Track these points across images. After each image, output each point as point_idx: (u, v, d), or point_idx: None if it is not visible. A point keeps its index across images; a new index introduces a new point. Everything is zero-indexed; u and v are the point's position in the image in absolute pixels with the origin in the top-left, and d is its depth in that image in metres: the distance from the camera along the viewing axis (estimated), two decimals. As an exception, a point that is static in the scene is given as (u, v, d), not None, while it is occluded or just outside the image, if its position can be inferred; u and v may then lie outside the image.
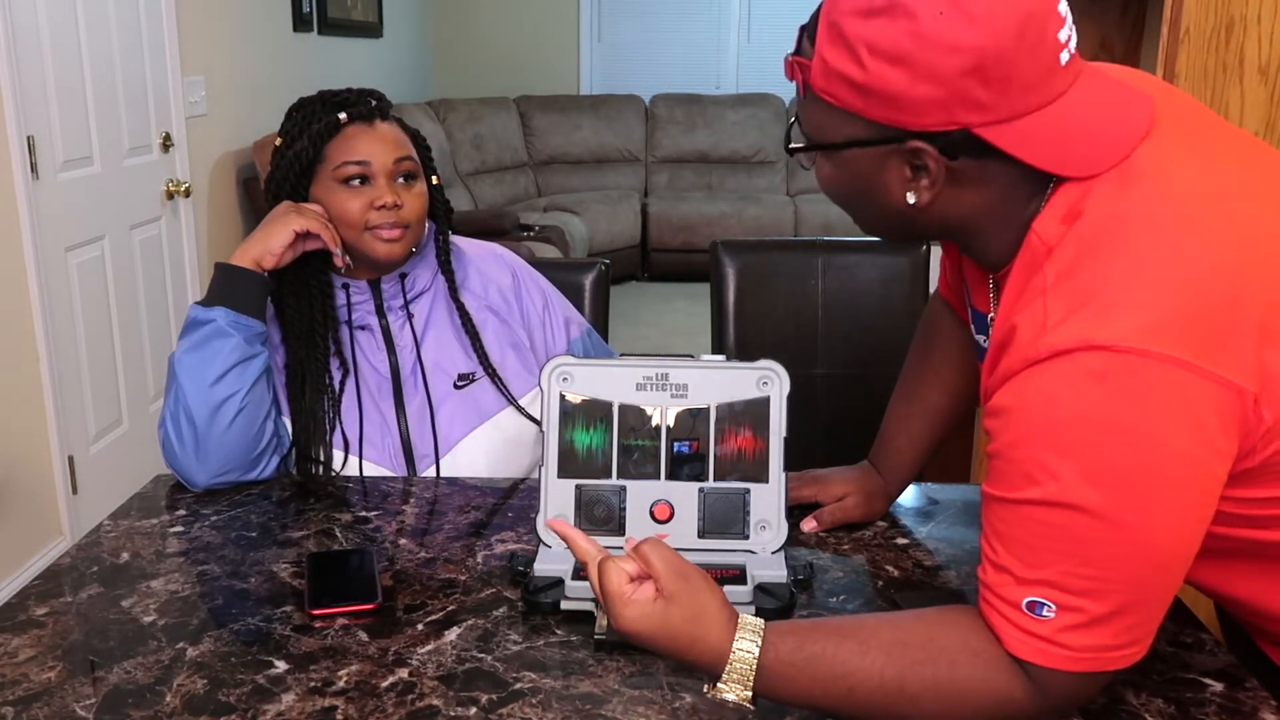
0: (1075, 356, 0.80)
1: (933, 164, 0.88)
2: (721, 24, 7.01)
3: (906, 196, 0.90)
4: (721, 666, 0.87)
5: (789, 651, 0.87)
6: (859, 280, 2.04)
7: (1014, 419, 0.83)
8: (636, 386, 1.15)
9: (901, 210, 0.92)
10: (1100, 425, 0.79)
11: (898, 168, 0.90)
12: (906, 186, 0.90)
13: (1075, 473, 0.80)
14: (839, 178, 0.96)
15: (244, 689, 0.96)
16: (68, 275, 2.95)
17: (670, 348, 5.08)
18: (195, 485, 1.38)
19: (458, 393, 1.50)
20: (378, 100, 1.47)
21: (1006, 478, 0.84)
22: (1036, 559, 0.83)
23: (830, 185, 0.98)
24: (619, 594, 0.89)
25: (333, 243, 1.41)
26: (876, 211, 0.96)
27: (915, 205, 0.91)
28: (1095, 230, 0.84)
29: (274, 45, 4.38)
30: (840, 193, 0.98)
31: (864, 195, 0.95)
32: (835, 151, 0.93)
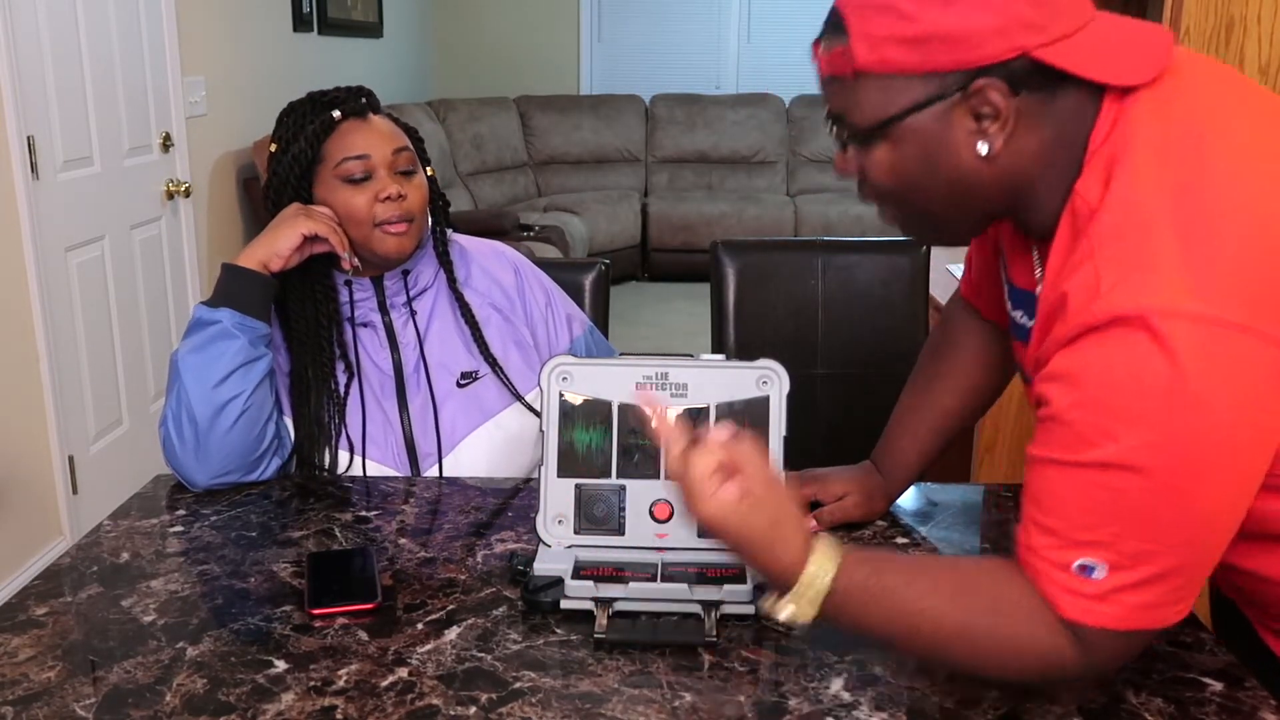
0: (1132, 324, 0.80)
1: (1000, 101, 0.87)
2: (721, 24, 7.01)
3: (978, 149, 0.89)
4: (791, 582, 0.90)
5: (863, 579, 0.89)
6: (859, 280, 2.04)
7: (1073, 384, 0.84)
8: (636, 386, 1.15)
9: (969, 171, 0.90)
10: (1160, 392, 0.80)
11: (962, 121, 0.89)
12: (975, 139, 0.89)
13: (1134, 437, 0.80)
14: (900, 160, 0.92)
15: (244, 689, 0.96)
16: (68, 275, 2.95)
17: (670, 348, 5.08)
18: (195, 485, 1.38)
19: (460, 391, 1.50)
20: (368, 95, 1.47)
21: (1062, 440, 0.85)
22: (1089, 522, 0.84)
23: (890, 175, 0.94)
24: (700, 487, 0.91)
25: (341, 247, 1.40)
26: (942, 184, 0.92)
27: (988, 157, 0.89)
28: (1137, 201, 0.85)
29: (274, 45, 4.38)
30: (902, 178, 0.93)
31: (929, 169, 0.92)
32: (896, 125, 0.90)
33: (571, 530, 1.15)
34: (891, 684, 0.96)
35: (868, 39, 0.88)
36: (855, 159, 0.96)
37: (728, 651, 1.01)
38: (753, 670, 0.98)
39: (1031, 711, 0.92)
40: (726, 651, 1.01)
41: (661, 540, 1.14)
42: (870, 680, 0.97)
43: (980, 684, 0.96)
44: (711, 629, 1.02)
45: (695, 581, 1.08)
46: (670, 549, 1.14)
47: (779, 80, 6.96)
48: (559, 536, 1.15)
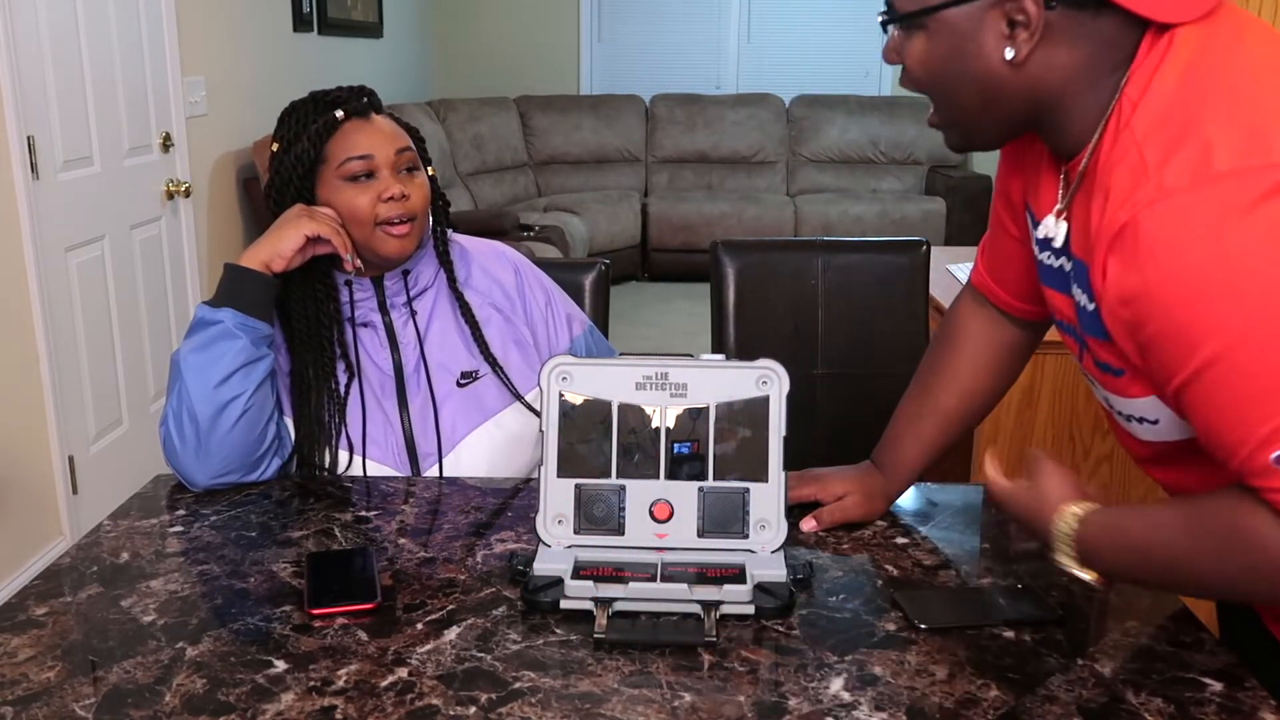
0: (1185, 198, 0.81)
1: (1032, 10, 0.90)
2: (721, 24, 7.01)
3: (1005, 52, 0.92)
4: (1051, 539, 1.03)
5: (1098, 527, 0.99)
6: (859, 280, 2.04)
7: (1156, 294, 0.84)
8: (636, 386, 1.15)
9: (996, 74, 0.94)
10: (1242, 254, 0.80)
11: (995, 24, 0.92)
12: (1004, 43, 0.92)
13: (1240, 307, 0.81)
14: (932, 53, 0.96)
15: (243, 689, 0.96)
16: (68, 275, 2.95)
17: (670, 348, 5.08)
18: (195, 485, 1.38)
19: (460, 391, 1.50)
20: (369, 95, 1.47)
21: (1178, 354, 0.85)
22: (1255, 413, 0.83)
23: (923, 63, 0.98)
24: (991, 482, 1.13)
25: (344, 249, 1.40)
26: (970, 82, 0.96)
27: (1013, 62, 0.92)
28: (1180, 81, 0.87)
29: (274, 45, 4.38)
30: (933, 72, 0.98)
31: (959, 63, 0.95)
32: (933, 16, 0.94)
33: (571, 530, 1.15)
34: (891, 684, 0.96)
35: None
36: (899, 48, 1.00)
37: (727, 651, 1.01)
38: (752, 670, 0.98)
39: (1031, 711, 0.92)
40: (726, 651, 1.01)
41: (661, 540, 1.14)
42: (870, 680, 0.97)
43: (980, 684, 0.96)
44: (711, 629, 1.02)
45: (695, 581, 1.08)
46: (670, 549, 1.14)
47: (779, 80, 6.96)
48: (559, 536, 1.15)
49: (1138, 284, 0.85)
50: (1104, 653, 1.01)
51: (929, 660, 1.00)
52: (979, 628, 1.05)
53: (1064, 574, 1.04)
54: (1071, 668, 0.99)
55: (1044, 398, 2.22)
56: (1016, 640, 1.03)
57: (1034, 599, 1.10)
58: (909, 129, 6.71)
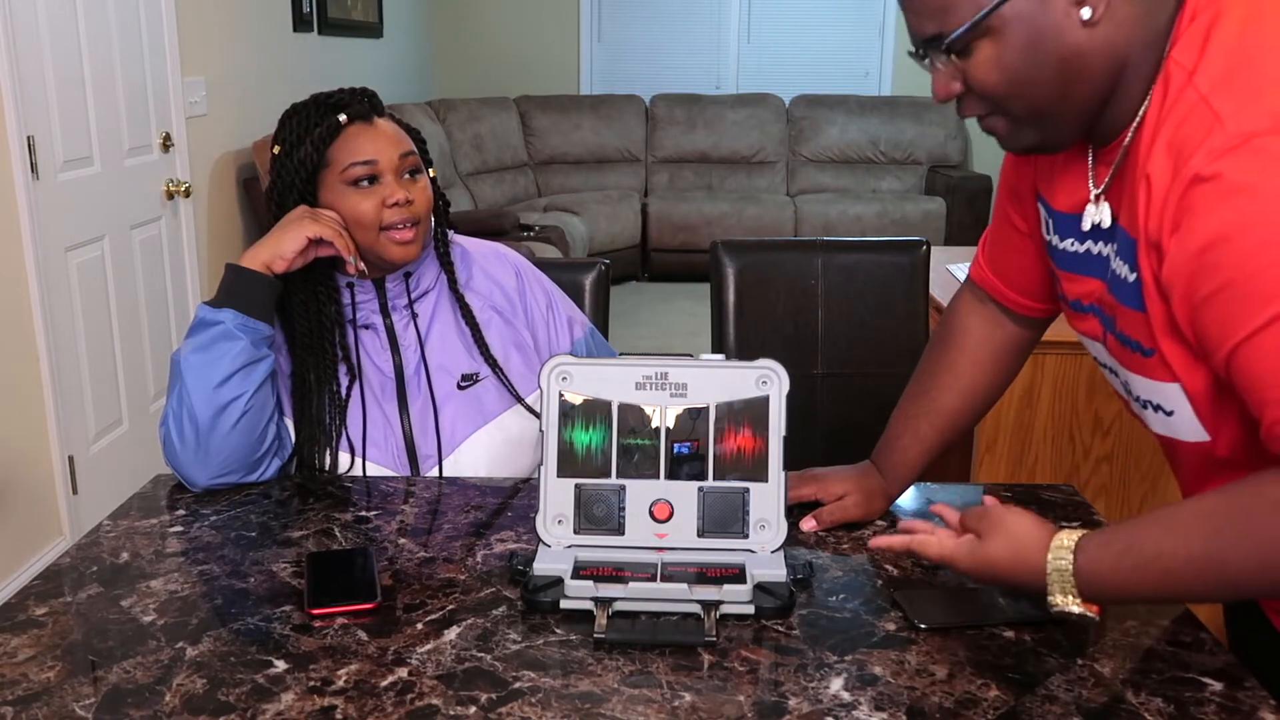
0: (1269, 139, 0.80)
1: None
2: (721, 24, 7.01)
3: (1080, 15, 0.90)
4: (1044, 584, 0.94)
5: (1098, 549, 0.92)
6: (859, 280, 2.04)
7: (1234, 240, 0.81)
8: (636, 386, 1.15)
9: (1077, 43, 0.91)
10: None
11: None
12: (1075, 9, 0.90)
13: None
14: (1005, 51, 0.93)
15: (243, 688, 0.96)
16: (68, 275, 2.95)
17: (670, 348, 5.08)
18: (195, 485, 1.38)
19: (461, 393, 1.50)
20: (371, 98, 1.47)
21: (1249, 304, 0.82)
22: None
23: (997, 71, 0.94)
24: (943, 558, 1.03)
25: (346, 251, 1.39)
26: (1053, 64, 0.93)
27: (1090, 21, 0.90)
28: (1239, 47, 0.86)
29: (274, 45, 4.38)
30: (1010, 71, 0.94)
31: (1036, 53, 0.92)
32: (995, 15, 0.91)
33: (571, 530, 1.15)
34: (891, 684, 0.96)
35: None
36: (956, 74, 0.96)
37: (727, 651, 1.01)
38: (752, 670, 0.98)
39: (1031, 711, 0.92)
40: (726, 651, 1.01)
41: (661, 540, 1.14)
42: (870, 680, 0.97)
43: (980, 684, 0.96)
44: (711, 629, 1.02)
45: (695, 581, 1.08)
46: (670, 549, 1.14)
47: (779, 80, 6.96)
48: (559, 536, 1.15)
49: (1215, 230, 0.83)
50: (1104, 653, 1.01)
51: (929, 660, 1.00)
52: (979, 628, 1.05)
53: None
54: (1071, 668, 0.99)
55: (1044, 398, 2.22)
56: (1016, 640, 1.03)
57: (1034, 599, 1.10)
58: (909, 129, 6.71)
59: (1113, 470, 2.25)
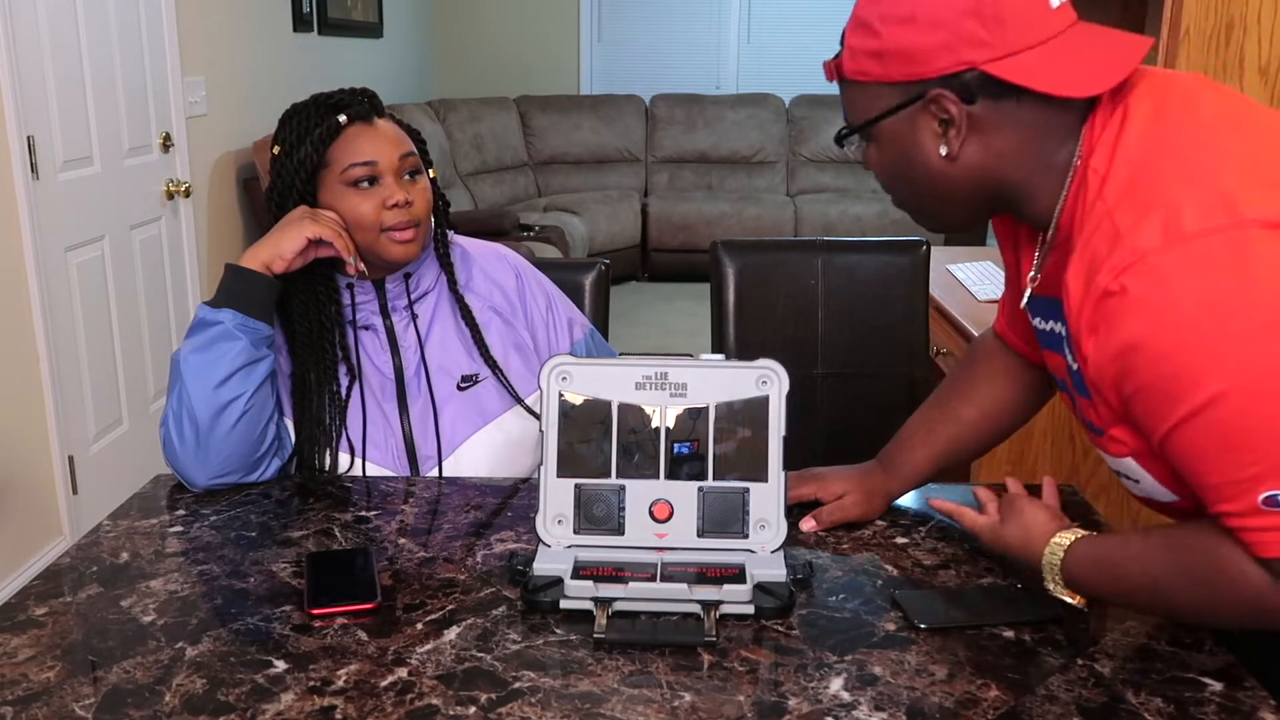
0: (1158, 257, 0.86)
1: (955, 110, 0.97)
2: (721, 24, 7.01)
3: (939, 150, 0.99)
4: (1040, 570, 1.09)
5: (1084, 553, 1.05)
6: (859, 280, 2.04)
7: (1141, 349, 0.88)
8: (636, 386, 1.15)
9: (940, 170, 1.01)
10: (1217, 305, 0.84)
11: (927, 124, 0.99)
12: (938, 142, 0.99)
13: (1219, 359, 0.85)
14: (883, 154, 1.05)
15: (243, 689, 0.96)
16: (68, 275, 2.95)
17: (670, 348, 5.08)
18: (195, 485, 1.38)
19: (461, 394, 1.50)
20: (371, 98, 1.46)
21: (1165, 403, 0.89)
22: (1243, 459, 0.87)
23: (879, 167, 1.06)
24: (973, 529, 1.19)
25: (346, 251, 1.39)
26: (922, 179, 1.03)
27: (948, 157, 0.99)
28: (1142, 148, 0.92)
29: (274, 45, 4.38)
30: (888, 170, 1.06)
31: (907, 164, 1.03)
32: (873, 127, 1.02)
33: (571, 530, 1.15)
34: (891, 684, 0.96)
35: (850, 51, 1.01)
36: (865, 155, 1.08)
37: (727, 651, 1.01)
38: (752, 670, 0.98)
39: (1031, 711, 0.92)
40: (726, 651, 1.01)
41: (661, 540, 1.14)
42: (870, 680, 0.97)
43: (980, 684, 0.96)
44: (711, 629, 1.02)
45: (695, 581, 1.08)
46: (670, 549, 1.14)
47: (779, 80, 6.96)
48: (558, 536, 1.15)
49: (1126, 339, 0.89)
50: (1104, 653, 1.01)
51: (929, 660, 1.00)
52: (979, 628, 1.05)
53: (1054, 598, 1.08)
54: (1071, 668, 0.99)
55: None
56: (1016, 640, 1.03)
57: (1034, 599, 1.10)
58: (909, 129, 6.70)
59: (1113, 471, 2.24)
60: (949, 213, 1.07)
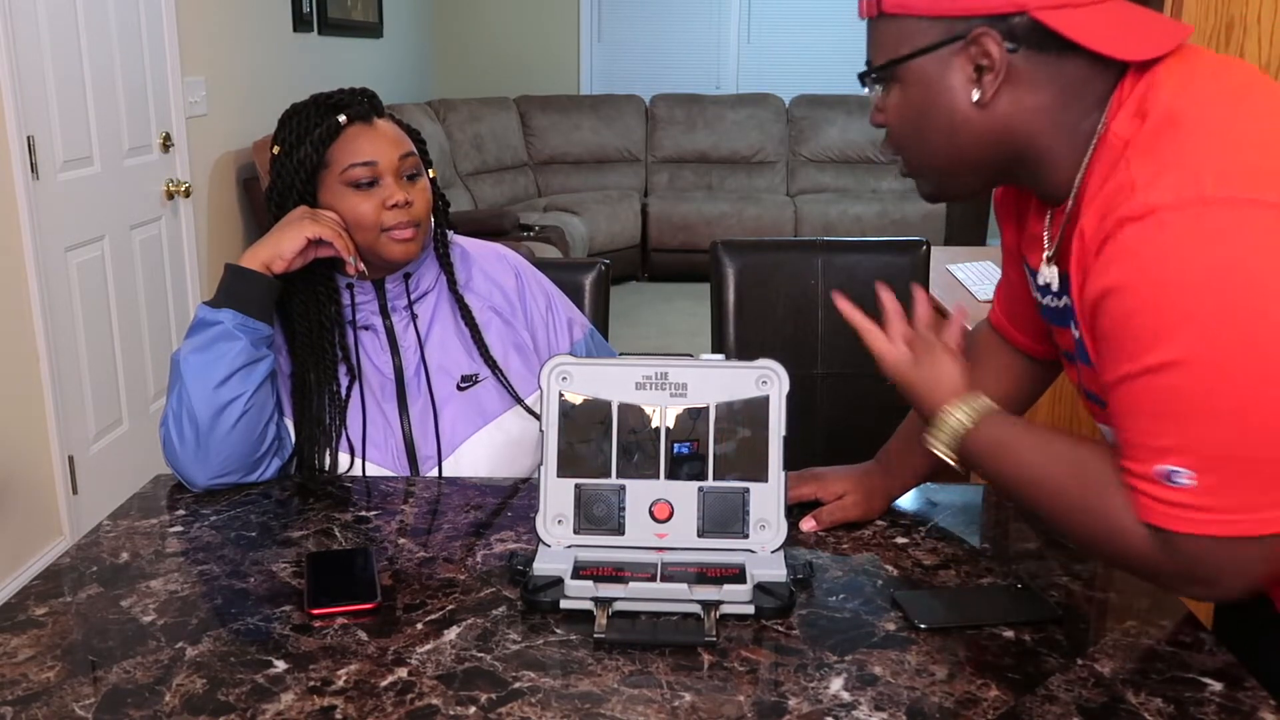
0: (1170, 214, 0.84)
1: (996, 53, 0.93)
2: (721, 24, 7.01)
3: (972, 95, 0.96)
4: (932, 419, 1.08)
5: (987, 430, 1.04)
6: (859, 280, 2.04)
7: (1122, 292, 0.87)
8: (636, 386, 1.15)
9: (966, 118, 0.98)
10: (1207, 279, 0.83)
11: (962, 69, 0.96)
12: (971, 86, 0.96)
13: (1187, 331, 0.84)
14: (906, 102, 1.00)
15: (243, 689, 0.96)
16: (68, 275, 2.95)
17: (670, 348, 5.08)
18: (195, 485, 1.38)
19: (460, 394, 1.50)
20: (371, 98, 1.46)
21: (1121, 353, 0.89)
22: (1162, 427, 0.88)
23: (899, 113, 1.02)
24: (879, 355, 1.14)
25: (346, 251, 1.39)
26: (943, 129, 0.99)
27: (979, 103, 0.96)
28: (1169, 114, 0.90)
29: (274, 45, 4.38)
30: (907, 121, 1.01)
31: (930, 110, 0.99)
32: (904, 65, 0.98)
33: (571, 530, 1.15)
34: (891, 684, 0.96)
35: None
36: (881, 106, 1.03)
37: (727, 651, 1.01)
38: (752, 670, 0.98)
39: (1031, 711, 0.92)
40: (726, 651, 1.01)
41: (661, 540, 1.14)
42: (870, 680, 0.97)
43: (980, 684, 0.96)
44: (711, 629, 1.02)
45: (695, 581, 1.08)
46: (670, 549, 1.14)
47: (779, 80, 6.96)
48: (559, 536, 1.15)
49: (1110, 282, 0.88)
50: (1104, 653, 1.01)
51: (929, 660, 1.00)
52: (979, 628, 1.05)
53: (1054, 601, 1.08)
54: (1071, 668, 0.99)
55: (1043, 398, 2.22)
56: (1016, 640, 1.03)
57: (1034, 599, 1.10)
58: (909, 129, 6.70)
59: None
60: (960, 175, 1.04)
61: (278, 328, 1.46)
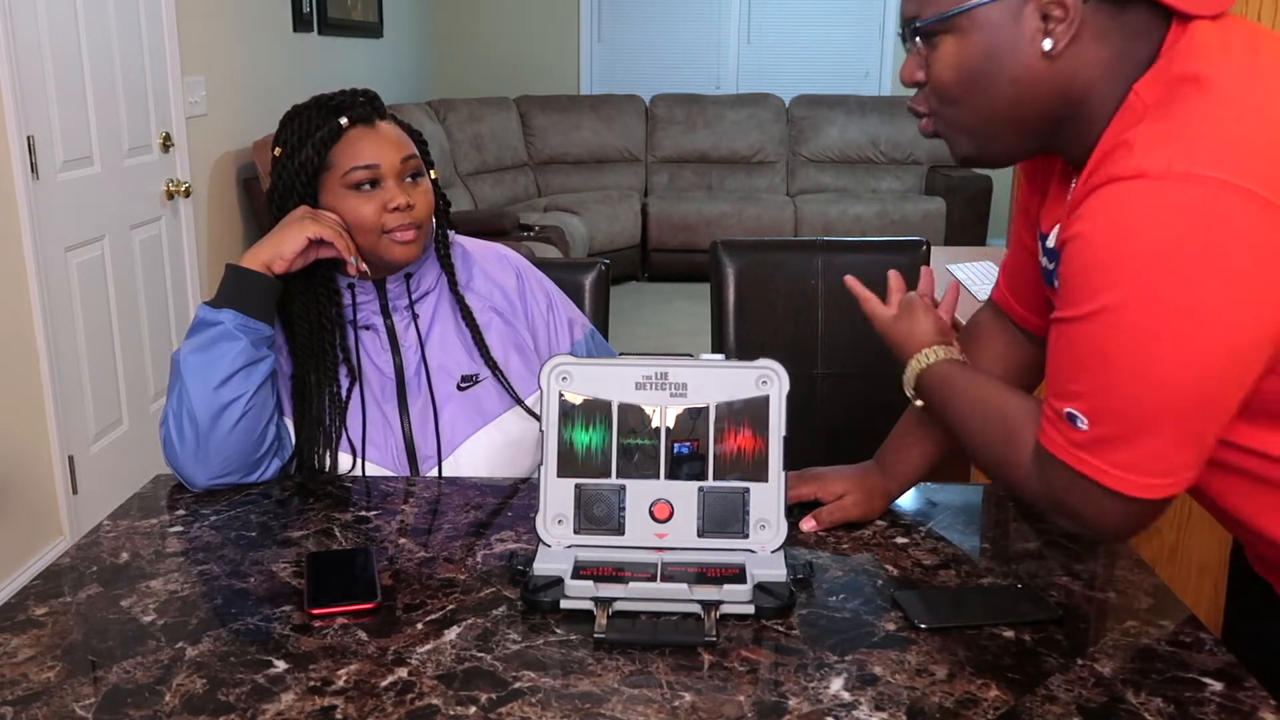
0: (1153, 183, 0.85)
1: (1070, 1, 0.92)
2: (721, 24, 7.01)
3: (1042, 45, 0.94)
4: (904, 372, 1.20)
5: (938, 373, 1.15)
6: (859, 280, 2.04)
7: (1084, 240, 0.89)
8: (636, 386, 1.15)
9: (1032, 68, 0.95)
10: (1166, 248, 0.84)
11: (1031, 18, 0.94)
12: (1040, 36, 0.94)
13: (1119, 291, 0.86)
14: (966, 52, 0.97)
15: (243, 689, 0.96)
16: (68, 275, 2.95)
17: (670, 348, 5.08)
18: (195, 485, 1.38)
19: (460, 394, 1.50)
20: (374, 100, 1.46)
21: (1063, 298, 0.92)
22: (1072, 373, 0.93)
23: (954, 69, 0.98)
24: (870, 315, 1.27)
25: (347, 252, 1.39)
26: (1005, 80, 0.97)
27: (1050, 54, 0.94)
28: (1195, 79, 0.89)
29: (274, 45, 4.38)
30: (966, 72, 0.98)
31: (994, 60, 0.96)
32: (969, 14, 0.95)
33: (571, 530, 1.15)
34: (891, 684, 0.96)
35: None
36: (921, 62, 1.01)
37: (727, 651, 1.01)
38: (752, 670, 0.99)
39: (1031, 711, 0.92)
40: (726, 651, 1.01)
41: (661, 540, 1.14)
42: (870, 680, 0.97)
43: (980, 684, 0.96)
44: (711, 629, 1.02)
45: (695, 581, 1.08)
46: (670, 549, 1.14)
47: (779, 80, 6.96)
48: (559, 536, 1.15)
49: (1076, 230, 0.90)
50: (1104, 653, 1.01)
51: (929, 660, 1.00)
52: (979, 628, 1.05)
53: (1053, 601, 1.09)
54: (1071, 668, 0.99)
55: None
56: (1016, 640, 1.03)
57: (1034, 599, 1.10)
58: (909, 129, 6.71)
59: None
60: (1005, 136, 1.01)
61: (278, 328, 1.46)
